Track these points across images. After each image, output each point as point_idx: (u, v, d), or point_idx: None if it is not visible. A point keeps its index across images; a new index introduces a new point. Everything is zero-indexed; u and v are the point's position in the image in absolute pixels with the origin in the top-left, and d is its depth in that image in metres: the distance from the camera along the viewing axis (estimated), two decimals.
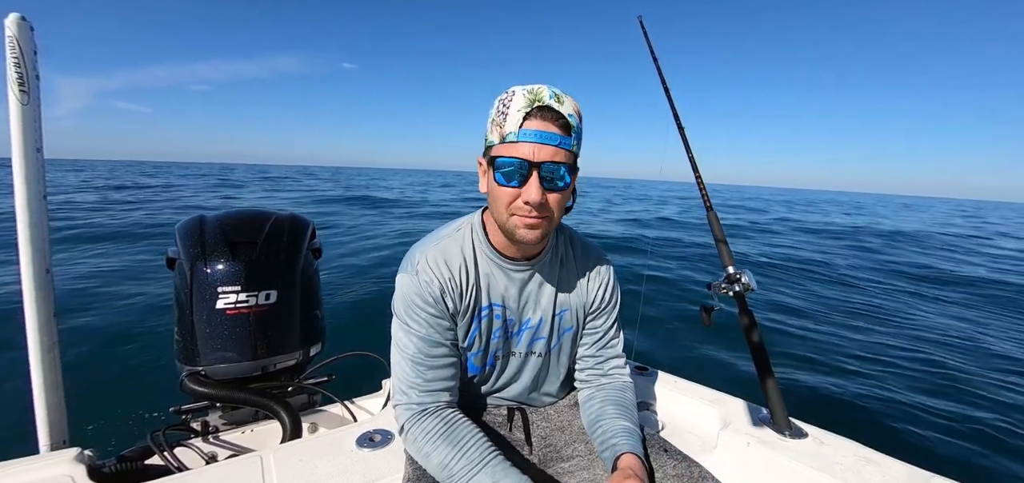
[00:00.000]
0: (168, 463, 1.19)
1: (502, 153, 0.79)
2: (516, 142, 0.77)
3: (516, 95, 0.79)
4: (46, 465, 1.00)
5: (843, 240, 11.49)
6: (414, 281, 0.87)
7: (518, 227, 0.82)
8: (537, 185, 0.77)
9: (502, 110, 0.80)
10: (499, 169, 0.80)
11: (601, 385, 1.01)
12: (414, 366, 0.87)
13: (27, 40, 1.12)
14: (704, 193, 1.42)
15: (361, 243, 8.05)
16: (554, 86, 0.80)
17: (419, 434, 0.84)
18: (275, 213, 1.58)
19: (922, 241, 12.16)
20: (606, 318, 1.01)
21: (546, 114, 0.77)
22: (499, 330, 0.94)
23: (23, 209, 1.14)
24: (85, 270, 5.36)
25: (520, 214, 0.81)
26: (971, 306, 5.64)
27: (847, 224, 15.67)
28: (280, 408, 1.38)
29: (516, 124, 0.77)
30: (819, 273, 7.00)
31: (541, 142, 0.76)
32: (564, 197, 0.82)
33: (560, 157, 0.78)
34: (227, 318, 1.36)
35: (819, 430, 1.14)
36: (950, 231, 15.78)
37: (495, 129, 0.81)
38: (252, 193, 20.25)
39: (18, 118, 1.11)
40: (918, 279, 7.07)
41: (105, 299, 4.42)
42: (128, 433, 1.36)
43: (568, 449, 0.98)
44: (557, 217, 0.84)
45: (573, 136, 0.79)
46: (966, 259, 9.30)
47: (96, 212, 10.82)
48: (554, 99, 0.78)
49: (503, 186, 0.80)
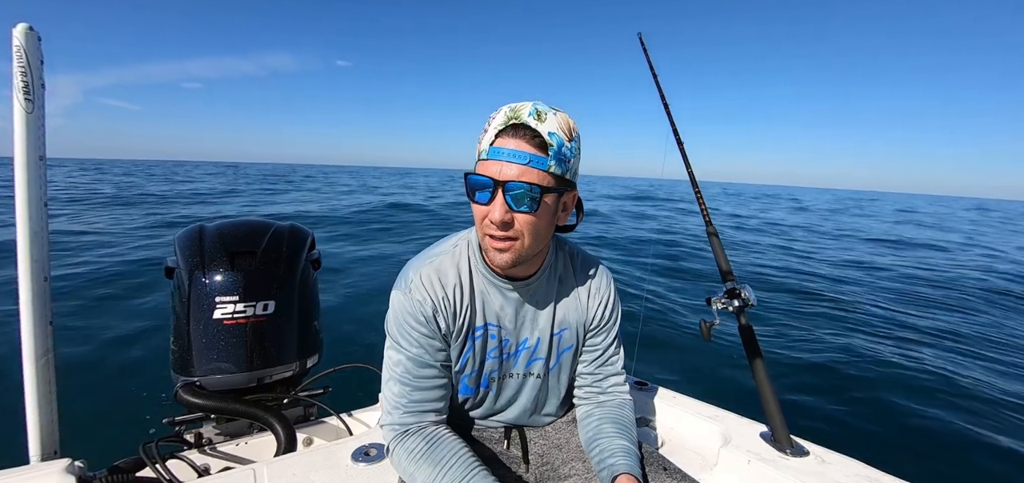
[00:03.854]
0: (160, 475, 1.17)
1: (475, 171, 0.79)
2: (486, 160, 0.77)
3: (499, 113, 0.78)
4: (36, 476, 0.98)
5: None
6: (407, 299, 0.86)
7: (489, 248, 0.81)
8: (501, 203, 0.76)
9: (485, 128, 0.80)
10: (471, 186, 0.80)
11: (600, 403, 0.99)
12: (401, 386, 0.87)
13: (34, 49, 1.13)
14: (703, 209, 1.42)
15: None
16: (541, 101, 0.78)
17: (403, 454, 0.84)
18: (275, 224, 1.58)
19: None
20: (606, 335, 0.99)
21: (520, 132, 0.75)
22: (494, 351, 0.93)
23: (24, 216, 1.14)
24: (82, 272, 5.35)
25: (489, 234, 0.79)
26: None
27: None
28: (275, 420, 1.36)
29: (489, 142, 0.77)
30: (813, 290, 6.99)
31: (509, 160, 0.74)
32: (538, 220, 0.78)
33: (529, 177, 0.74)
34: (224, 328, 1.35)
35: (821, 448, 1.13)
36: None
37: (477, 147, 0.81)
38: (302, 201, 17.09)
39: (22, 126, 1.12)
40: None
41: (99, 308, 4.40)
42: (120, 444, 1.34)
43: (565, 467, 0.97)
44: (530, 241, 0.80)
45: (551, 156, 0.75)
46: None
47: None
48: (534, 116, 0.75)
49: (476, 204, 0.80)
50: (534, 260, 0.88)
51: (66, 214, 10.62)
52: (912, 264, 8.82)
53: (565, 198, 0.84)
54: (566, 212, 0.88)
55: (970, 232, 16.46)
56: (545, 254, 0.92)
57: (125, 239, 7.88)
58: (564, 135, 0.77)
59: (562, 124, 0.78)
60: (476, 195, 0.79)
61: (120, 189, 18.27)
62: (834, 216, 20.66)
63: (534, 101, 0.78)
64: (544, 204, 0.78)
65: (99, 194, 15.92)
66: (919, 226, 17.87)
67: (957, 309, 5.73)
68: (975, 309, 5.76)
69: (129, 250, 7.00)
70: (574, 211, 0.94)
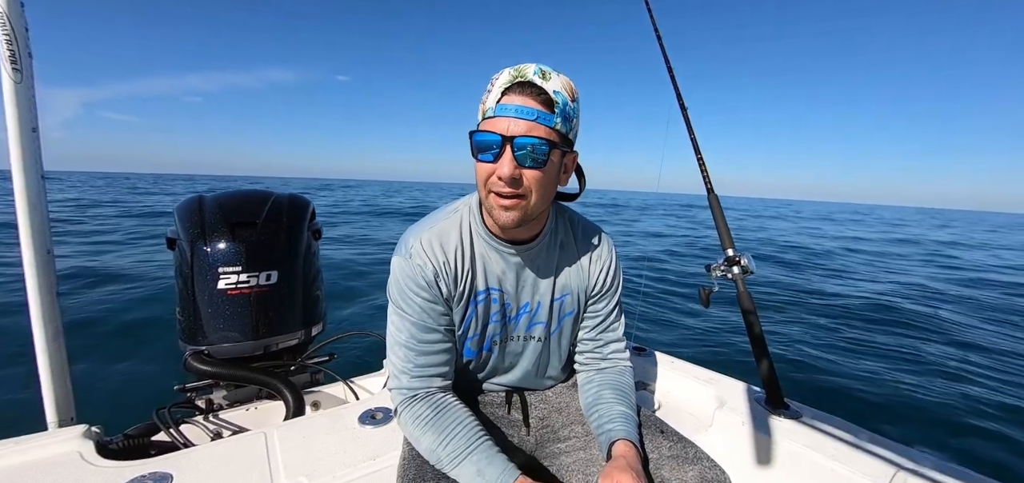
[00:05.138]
0: (174, 439, 1.21)
1: (480, 129, 0.79)
2: (493, 117, 0.77)
3: (503, 73, 0.78)
4: (56, 441, 1.02)
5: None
6: (407, 264, 0.87)
7: (494, 206, 0.81)
8: (510, 159, 0.75)
9: (488, 88, 0.79)
10: (476, 145, 0.79)
11: (600, 369, 1.01)
12: (406, 351, 0.88)
13: (17, 17, 1.09)
14: (705, 173, 1.41)
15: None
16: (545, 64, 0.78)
17: (409, 419, 0.86)
18: (273, 194, 1.58)
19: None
20: (607, 302, 1.00)
21: (526, 89, 0.75)
22: (496, 314, 0.94)
23: (21, 190, 1.13)
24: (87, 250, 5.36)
25: (495, 191, 0.79)
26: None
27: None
28: (283, 386, 1.40)
29: (495, 100, 0.77)
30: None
31: (517, 116, 0.75)
32: (545, 176, 0.79)
33: (538, 132, 0.75)
34: (229, 298, 1.37)
35: (812, 410, 1.16)
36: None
37: (480, 107, 0.81)
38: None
39: (12, 97, 1.10)
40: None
41: (109, 279, 4.44)
42: (133, 412, 1.38)
43: (565, 430, 1.00)
44: (537, 198, 0.80)
45: (557, 113, 0.77)
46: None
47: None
48: (539, 75, 0.76)
49: (480, 162, 0.80)
50: (535, 223, 0.88)
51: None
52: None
53: (566, 159, 0.84)
54: (567, 174, 0.88)
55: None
56: (545, 218, 0.92)
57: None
58: (568, 94, 0.79)
59: (565, 84, 0.79)
60: (480, 154, 0.79)
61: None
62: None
63: (536, 63, 0.78)
64: (550, 161, 0.78)
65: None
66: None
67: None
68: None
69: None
70: (577, 180, 0.94)
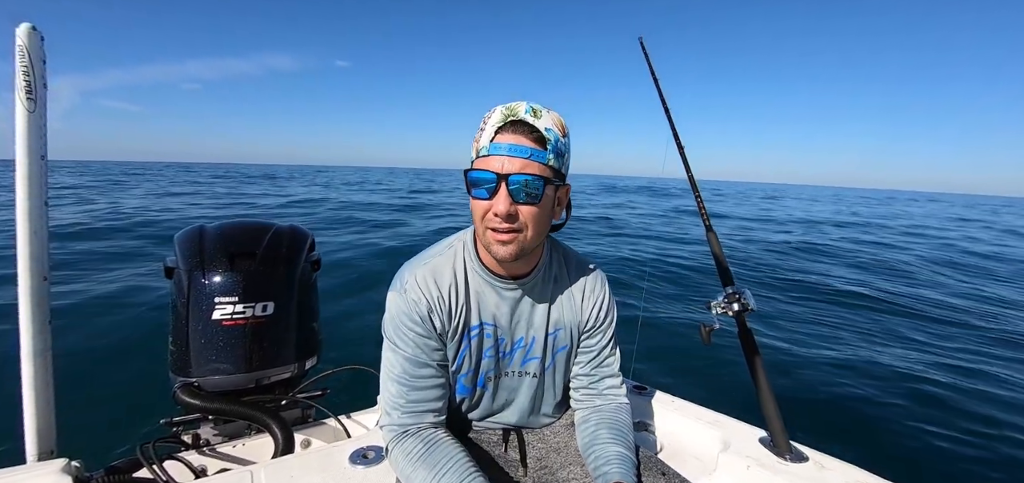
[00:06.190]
0: (156, 476, 1.17)
1: (475, 167, 0.81)
2: (487, 156, 0.79)
3: (494, 112, 0.81)
4: (33, 476, 0.98)
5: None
6: (402, 300, 0.87)
7: (492, 241, 0.82)
8: (505, 195, 0.77)
9: (481, 127, 0.82)
10: (472, 183, 0.81)
11: (596, 407, 0.99)
12: (399, 386, 0.87)
13: (36, 49, 1.14)
14: (703, 212, 1.42)
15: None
16: (535, 102, 0.82)
17: (401, 455, 0.84)
18: (275, 225, 1.58)
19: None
20: (601, 336, 0.99)
21: (518, 128, 0.78)
22: (490, 350, 0.93)
23: (24, 216, 1.14)
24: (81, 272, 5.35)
25: (492, 227, 0.81)
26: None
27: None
28: (272, 422, 1.36)
29: (488, 139, 0.79)
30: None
31: (511, 155, 0.77)
32: (540, 212, 0.81)
33: (532, 170, 0.77)
34: (223, 329, 1.35)
35: (820, 454, 1.12)
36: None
37: (474, 145, 0.83)
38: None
39: (24, 126, 1.13)
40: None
41: (97, 307, 4.40)
42: (118, 444, 1.34)
43: (563, 471, 0.96)
44: (533, 233, 0.82)
45: (549, 150, 0.79)
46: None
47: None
48: (530, 113, 0.79)
49: (475, 199, 0.82)
50: (530, 257, 0.89)
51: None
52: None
53: (559, 193, 0.86)
54: (561, 207, 0.90)
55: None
56: (540, 253, 0.93)
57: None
58: (559, 131, 0.81)
59: (556, 120, 0.81)
60: (475, 191, 0.81)
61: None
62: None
63: (527, 101, 0.81)
64: (545, 196, 0.80)
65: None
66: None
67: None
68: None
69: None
70: (565, 211, 0.95)
